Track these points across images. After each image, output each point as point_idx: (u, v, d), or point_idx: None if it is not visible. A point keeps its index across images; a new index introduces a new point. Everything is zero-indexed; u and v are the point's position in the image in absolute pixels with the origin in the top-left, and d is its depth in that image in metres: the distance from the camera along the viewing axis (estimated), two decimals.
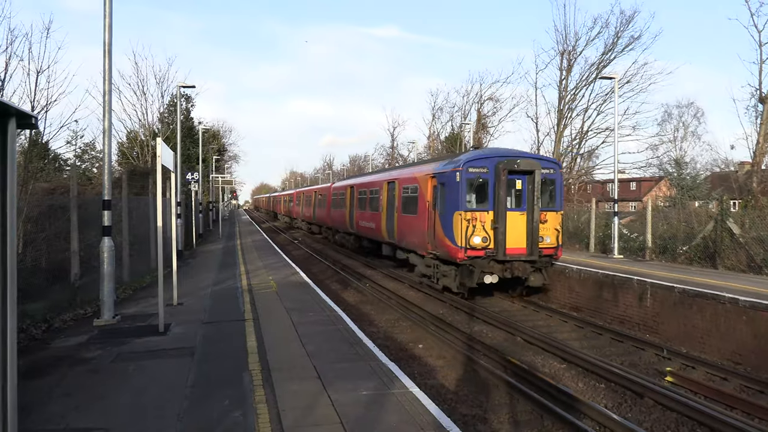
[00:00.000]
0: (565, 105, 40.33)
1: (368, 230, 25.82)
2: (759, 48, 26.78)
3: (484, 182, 15.85)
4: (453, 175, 16.09)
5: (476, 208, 15.68)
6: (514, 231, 15.63)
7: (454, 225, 15.59)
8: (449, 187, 16.22)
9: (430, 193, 17.73)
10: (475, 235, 15.38)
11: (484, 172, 15.81)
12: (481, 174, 15.79)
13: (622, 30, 38.35)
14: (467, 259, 15.40)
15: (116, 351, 9.26)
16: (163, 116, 40.90)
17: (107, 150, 11.84)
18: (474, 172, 15.78)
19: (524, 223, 15.78)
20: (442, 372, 10.68)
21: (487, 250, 15.43)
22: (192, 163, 44.45)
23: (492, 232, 15.55)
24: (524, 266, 15.66)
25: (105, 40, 11.68)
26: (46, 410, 6.64)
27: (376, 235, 24.29)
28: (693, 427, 8.14)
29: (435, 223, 16.95)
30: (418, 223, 18.45)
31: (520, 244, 15.70)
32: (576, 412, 8.42)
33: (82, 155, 32.84)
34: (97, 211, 12.36)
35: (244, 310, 12.52)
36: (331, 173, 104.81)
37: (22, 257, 11.80)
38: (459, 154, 20.17)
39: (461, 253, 15.37)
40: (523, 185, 15.89)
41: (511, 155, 16.52)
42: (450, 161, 17.25)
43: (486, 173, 15.81)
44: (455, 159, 17.05)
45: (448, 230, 15.87)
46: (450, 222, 15.81)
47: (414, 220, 19.02)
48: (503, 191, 15.50)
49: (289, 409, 6.49)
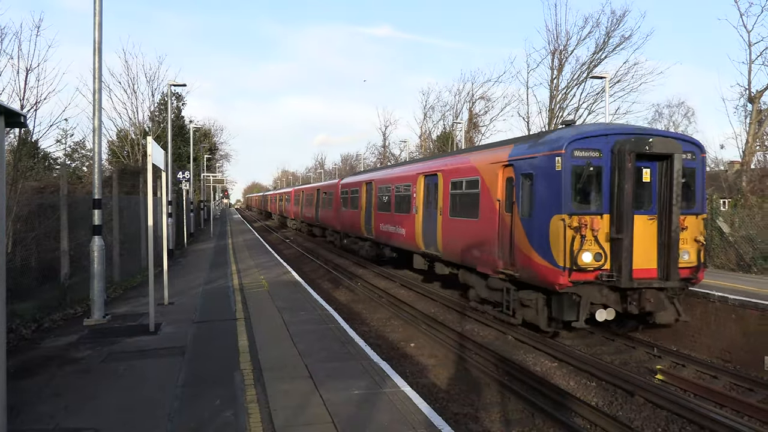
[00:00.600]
0: (557, 104, 40.47)
1: (393, 237, 20.89)
2: (748, 48, 26.91)
3: (596, 171, 11.06)
4: (549, 162, 11.30)
5: (586, 211, 10.97)
6: (642, 244, 11.00)
7: (552, 235, 11.01)
8: (542, 180, 11.52)
9: (500, 189, 13.07)
10: (585, 251, 10.79)
11: (596, 156, 11.08)
12: (591, 159, 11.00)
13: (612, 30, 38.57)
14: (571, 285, 10.83)
15: (106, 351, 9.21)
16: (154, 115, 40.70)
17: (97, 149, 11.77)
18: (582, 156, 11.04)
19: (654, 232, 11.18)
20: (434, 371, 10.69)
21: (602, 273, 10.82)
22: (183, 161, 44.25)
23: (609, 245, 10.93)
24: (657, 296, 11.04)
25: (95, 38, 11.61)
26: (35, 410, 6.59)
27: (406, 242, 19.48)
28: (683, 425, 8.19)
29: (513, 231, 12.31)
30: (480, 231, 13.84)
31: (649, 263, 11.09)
32: (567, 410, 8.46)
33: (72, 154, 32.72)
34: (88, 210, 12.31)
35: (235, 310, 12.49)
36: (323, 172, 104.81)
37: (12, 256, 11.71)
38: (548, 132, 14.29)
39: (563, 277, 10.74)
40: (652, 176, 11.29)
41: (636, 132, 11.53)
42: (537, 141, 12.31)
43: (599, 158, 11.08)
44: (547, 137, 12.13)
45: (540, 242, 11.33)
46: (544, 230, 11.22)
47: (472, 226, 14.34)
48: (629, 184, 10.74)
49: (280, 409, 6.48)
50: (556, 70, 40.32)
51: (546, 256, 11.15)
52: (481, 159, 14.48)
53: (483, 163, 14.22)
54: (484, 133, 53.55)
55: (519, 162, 12.43)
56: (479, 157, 14.77)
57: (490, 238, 13.26)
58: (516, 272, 12.14)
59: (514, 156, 12.69)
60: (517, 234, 12.16)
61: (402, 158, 61.02)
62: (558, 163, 11.11)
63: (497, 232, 12.98)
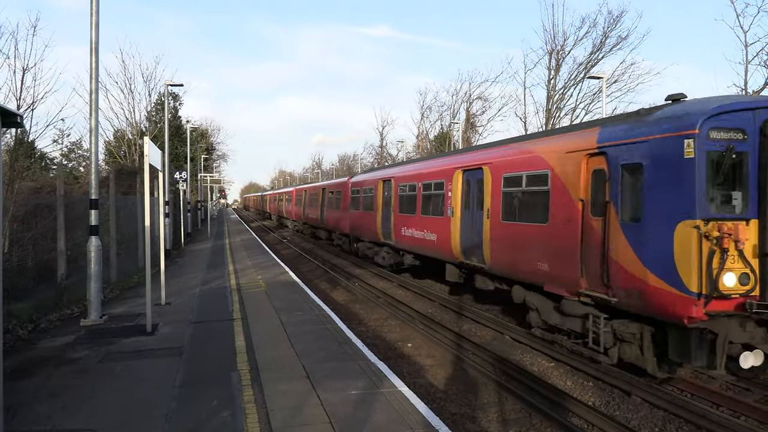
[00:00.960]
0: (554, 104, 40.53)
1: (420, 243, 18.18)
2: (744, 48, 26.98)
3: (739, 160, 8.18)
4: (672, 147, 8.39)
5: (728, 215, 8.14)
6: None
7: (678, 248, 8.14)
8: (660, 172, 8.58)
9: (584, 185, 10.15)
10: (728, 270, 7.95)
11: (740, 138, 8.18)
12: (734, 142, 8.09)
13: (609, 30, 38.64)
14: (706, 319, 7.99)
15: (103, 351, 9.20)
16: (151, 115, 40.64)
17: (94, 149, 11.76)
18: (721, 139, 8.11)
19: None
20: (432, 371, 10.70)
21: (749, 300, 7.92)
22: (180, 162, 44.20)
23: (758, 262, 8.09)
24: None
25: (92, 39, 11.60)
26: (32, 411, 6.58)
27: (437, 250, 16.84)
28: (680, 425, 8.20)
29: (607, 241, 9.35)
30: (550, 239, 10.98)
31: None
32: (564, 409, 8.47)
33: (68, 154, 32.71)
34: (84, 210, 12.30)
35: (232, 310, 12.48)
36: (320, 172, 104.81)
37: (8, 257, 11.70)
38: (656, 107, 9.93)
39: (696, 307, 7.91)
40: None
41: None
42: (646, 119, 9.28)
43: (743, 141, 8.18)
44: (662, 113, 9.05)
45: (658, 258, 8.45)
46: (664, 242, 8.35)
47: (537, 233, 11.44)
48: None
49: (277, 409, 6.49)
50: (554, 71, 40.40)
51: (668, 278, 8.22)
52: (552, 147, 11.54)
53: (554, 152, 11.29)
54: (481, 134, 53.66)
55: (616, 149, 9.45)
56: (547, 144, 11.87)
57: (567, 248, 10.42)
58: (612, 296, 9.23)
59: (607, 141, 9.71)
60: (616, 245, 9.21)
61: (399, 158, 61.04)
62: (688, 148, 8.16)
63: (578, 241, 10.13)
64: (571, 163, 10.57)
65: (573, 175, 10.47)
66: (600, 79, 26.62)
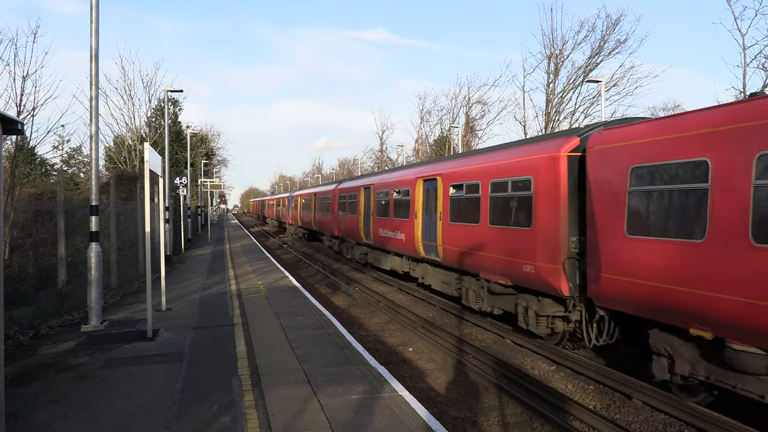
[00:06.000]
0: (553, 108, 40.56)
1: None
2: (743, 51, 27.03)
3: None
4: None
5: None
6: None
7: None
8: None
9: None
10: None
11: None
12: None
13: (608, 34, 38.69)
14: None
15: (104, 357, 9.20)
16: (151, 120, 40.68)
17: (94, 155, 11.79)
18: None
19: None
20: (432, 375, 10.69)
21: None
22: (180, 167, 44.25)
23: None
24: None
25: (92, 46, 11.64)
26: (32, 417, 6.58)
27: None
28: (681, 428, 8.20)
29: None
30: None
31: None
32: (565, 413, 8.47)
33: (69, 160, 32.70)
34: (85, 216, 12.32)
35: (233, 315, 12.48)
36: (320, 177, 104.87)
37: (9, 263, 11.72)
38: None
39: None
40: None
41: None
42: None
43: None
44: None
45: None
46: None
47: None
48: None
49: (278, 414, 6.49)
50: (552, 74, 40.43)
51: None
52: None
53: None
54: (480, 137, 53.69)
55: None
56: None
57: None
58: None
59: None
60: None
61: (399, 162, 61.04)
62: None
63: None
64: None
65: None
66: (599, 82, 26.65)
